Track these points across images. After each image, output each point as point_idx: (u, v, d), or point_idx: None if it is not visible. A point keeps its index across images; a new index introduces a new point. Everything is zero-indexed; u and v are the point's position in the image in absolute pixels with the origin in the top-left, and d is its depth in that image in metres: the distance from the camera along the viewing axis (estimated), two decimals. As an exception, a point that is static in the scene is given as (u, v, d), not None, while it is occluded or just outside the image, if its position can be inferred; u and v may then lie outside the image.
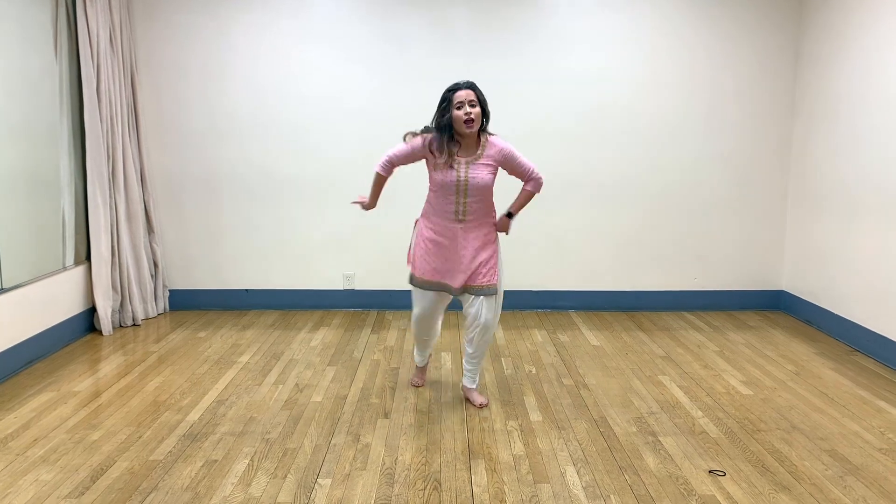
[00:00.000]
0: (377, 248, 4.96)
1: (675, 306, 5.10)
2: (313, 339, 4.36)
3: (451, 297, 3.25)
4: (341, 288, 5.09)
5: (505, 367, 3.86)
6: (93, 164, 4.28)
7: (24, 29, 4.05)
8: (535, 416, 3.20)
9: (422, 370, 3.61)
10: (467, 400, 3.36)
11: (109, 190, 4.44)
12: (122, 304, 4.59)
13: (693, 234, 5.05)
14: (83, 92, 4.22)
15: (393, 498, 2.50)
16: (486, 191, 3.09)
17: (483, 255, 3.13)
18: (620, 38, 4.84)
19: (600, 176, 4.96)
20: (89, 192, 4.30)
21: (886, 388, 3.57)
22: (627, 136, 4.92)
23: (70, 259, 4.35)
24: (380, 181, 3.22)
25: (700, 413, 3.25)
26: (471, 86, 3.01)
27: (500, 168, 3.13)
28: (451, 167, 3.04)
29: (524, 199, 3.22)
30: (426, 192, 3.23)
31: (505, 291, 3.33)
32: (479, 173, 3.04)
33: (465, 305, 3.21)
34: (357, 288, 5.08)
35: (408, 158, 3.15)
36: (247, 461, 2.75)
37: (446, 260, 3.14)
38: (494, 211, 3.22)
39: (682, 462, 2.77)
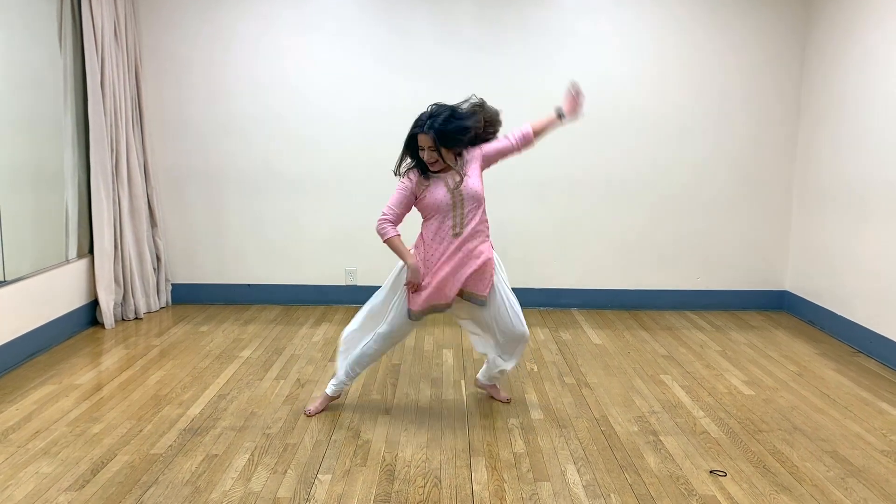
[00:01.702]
0: (379, 244, 4.89)
1: (677, 305, 5.08)
2: (315, 335, 4.36)
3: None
4: (343, 284, 5.08)
5: (506, 365, 3.85)
6: (96, 158, 4.28)
7: (28, 21, 4.05)
8: (537, 414, 3.20)
9: (327, 399, 3.21)
10: (492, 397, 3.36)
11: (113, 183, 4.44)
12: (124, 298, 4.59)
13: (697, 233, 5.04)
14: (87, 85, 4.22)
15: (393, 494, 2.49)
16: (479, 198, 2.97)
17: (475, 264, 2.98)
18: (627, 36, 4.82)
19: (604, 174, 4.95)
20: (92, 185, 4.30)
21: (889, 390, 3.55)
22: (632, 135, 4.90)
23: (73, 252, 4.36)
24: (396, 243, 3.04)
25: (701, 413, 3.24)
26: (427, 129, 2.83)
27: (484, 167, 3.04)
28: (442, 185, 2.93)
29: (548, 121, 3.16)
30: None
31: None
32: (468, 182, 2.94)
33: (485, 329, 3.14)
34: (359, 284, 5.07)
35: (409, 204, 3.02)
36: (247, 456, 2.76)
37: (436, 279, 2.99)
38: (487, 222, 3.05)
39: (683, 462, 2.76)
